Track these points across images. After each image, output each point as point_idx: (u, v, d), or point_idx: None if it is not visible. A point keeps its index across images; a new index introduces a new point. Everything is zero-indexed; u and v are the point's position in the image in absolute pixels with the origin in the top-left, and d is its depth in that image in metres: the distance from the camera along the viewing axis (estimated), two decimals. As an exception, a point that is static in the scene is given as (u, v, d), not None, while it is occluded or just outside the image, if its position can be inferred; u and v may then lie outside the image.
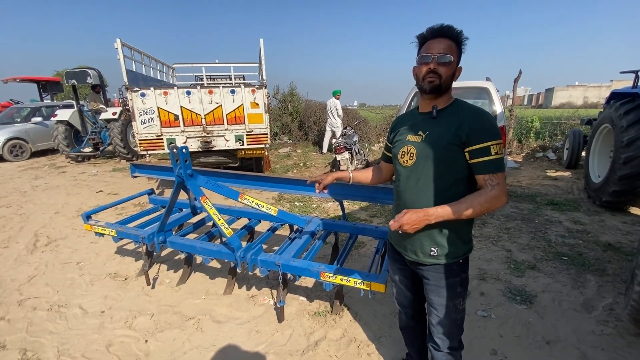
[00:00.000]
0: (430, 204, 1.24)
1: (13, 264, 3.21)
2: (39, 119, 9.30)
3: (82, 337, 2.18)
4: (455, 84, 1.33)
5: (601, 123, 4.80)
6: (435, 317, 1.37)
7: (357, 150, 6.19)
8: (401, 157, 1.33)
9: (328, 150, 8.91)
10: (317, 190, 1.70)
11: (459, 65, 1.25)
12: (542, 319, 2.27)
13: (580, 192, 5.12)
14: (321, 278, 1.99)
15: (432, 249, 1.28)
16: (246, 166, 5.90)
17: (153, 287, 2.71)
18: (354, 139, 6.24)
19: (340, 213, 2.82)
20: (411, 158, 1.29)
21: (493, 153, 1.15)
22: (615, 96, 4.67)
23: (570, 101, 43.22)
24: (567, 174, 6.40)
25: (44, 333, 2.23)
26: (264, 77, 5.08)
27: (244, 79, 8.11)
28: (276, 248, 2.42)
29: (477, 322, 2.23)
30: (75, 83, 7.69)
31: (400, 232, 1.19)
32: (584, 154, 6.41)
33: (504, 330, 2.16)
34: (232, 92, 4.87)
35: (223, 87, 4.89)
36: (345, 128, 6.78)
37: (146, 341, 2.13)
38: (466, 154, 1.19)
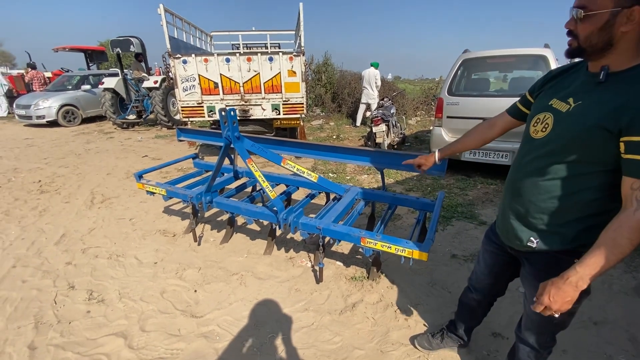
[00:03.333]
0: (548, 191, 1.00)
1: (75, 217, 3.54)
2: (87, 87, 9.85)
3: (139, 284, 2.40)
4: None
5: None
6: (527, 307, 1.23)
7: (394, 122, 6.00)
8: (533, 126, 1.06)
9: (362, 124, 8.74)
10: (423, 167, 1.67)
11: (629, 7, 0.81)
12: (589, 300, 2.14)
13: None
14: (362, 243, 2.02)
15: (532, 238, 1.08)
16: (281, 136, 5.94)
17: (199, 244, 2.90)
18: (392, 111, 6.04)
19: (375, 186, 2.79)
20: (544, 130, 1.01)
21: None
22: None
23: None
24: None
25: (106, 278, 2.48)
26: (302, 44, 4.97)
27: (279, 48, 8.00)
28: (313, 215, 2.47)
29: (519, 297, 2.17)
30: (120, 51, 7.97)
31: (554, 315, 0.95)
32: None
33: (547, 307, 2.11)
34: (270, 59, 4.83)
35: (261, 54, 4.86)
36: (382, 99, 6.56)
37: (195, 291, 2.31)
38: (621, 144, 0.85)
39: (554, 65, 3.93)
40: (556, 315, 0.95)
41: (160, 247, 2.89)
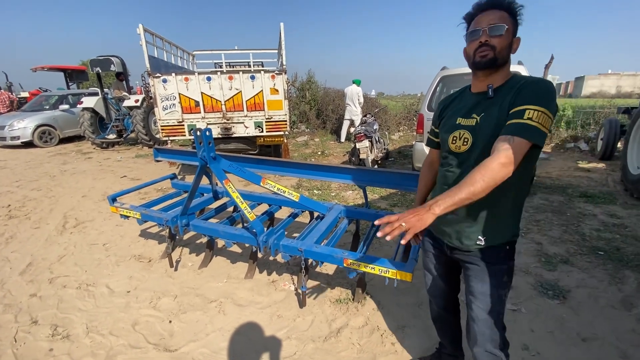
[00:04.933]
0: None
1: (44, 244, 3.33)
2: (66, 107, 9.61)
3: (109, 315, 2.23)
4: None
5: (643, 111, 4.47)
6: (476, 309, 1.27)
7: (377, 138, 6.04)
8: (452, 143, 1.22)
9: (346, 139, 8.79)
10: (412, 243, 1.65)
11: (517, 36, 1.14)
12: (577, 315, 2.15)
13: (616, 185, 4.83)
14: (345, 265, 1.94)
15: (480, 237, 1.19)
16: (265, 153, 5.88)
17: (176, 270, 2.75)
18: (374, 127, 6.09)
19: (360, 202, 2.75)
20: (465, 143, 1.18)
21: (525, 117, 1.00)
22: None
23: (602, 90, 40.79)
24: (600, 165, 6.05)
25: (73, 310, 2.30)
26: (284, 63, 5.00)
27: (262, 66, 8.04)
28: (296, 235, 2.39)
29: (506, 315, 2.10)
30: (100, 71, 7.83)
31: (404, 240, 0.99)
32: (620, 144, 6.03)
33: (535, 325, 2.06)
34: (252, 78, 4.82)
35: (243, 72, 4.85)
36: (365, 116, 6.63)
37: (170, 322, 2.16)
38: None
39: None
40: (404, 225, 0.97)
41: (134, 274, 2.72)
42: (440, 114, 1.37)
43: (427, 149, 1.56)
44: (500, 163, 0.97)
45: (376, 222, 1.02)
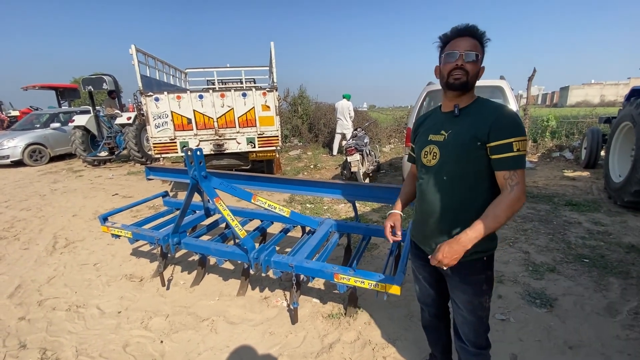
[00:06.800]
0: (453, 202, 1.26)
1: (33, 265, 3.29)
2: (57, 125, 9.58)
3: (99, 337, 2.21)
4: None
5: (621, 121, 4.65)
6: (460, 316, 1.36)
7: (368, 151, 6.14)
8: (424, 157, 1.34)
9: (338, 152, 8.89)
10: (390, 239, 1.51)
11: (482, 65, 1.25)
12: (563, 323, 2.19)
13: (600, 193, 4.96)
14: (335, 280, 1.98)
15: None
16: (257, 168, 5.93)
17: (168, 288, 2.74)
18: (365, 141, 6.20)
19: (353, 215, 2.80)
20: (434, 157, 1.29)
21: (515, 150, 1.14)
22: (635, 93, 4.52)
23: (587, 100, 42.07)
24: (585, 173, 6.22)
25: (62, 333, 2.28)
26: (275, 80, 5.11)
27: (254, 83, 8.17)
28: (289, 249, 2.42)
29: (495, 325, 2.16)
30: (92, 89, 7.89)
31: (443, 267, 1.19)
32: (603, 153, 6.22)
33: (523, 334, 2.10)
34: (244, 95, 4.91)
35: (235, 90, 4.94)
36: (355, 129, 6.75)
37: (161, 342, 2.15)
38: (488, 149, 1.18)
39: (509, 93, 4.22)
40: (444, 268, 1.20)
41: (125, 294, 2.71)
42: (415, 132, 1.47)
43: (408, 164, 1.64)
44: (517, 198, 1.14)
45: (432, 263, 1.22)
